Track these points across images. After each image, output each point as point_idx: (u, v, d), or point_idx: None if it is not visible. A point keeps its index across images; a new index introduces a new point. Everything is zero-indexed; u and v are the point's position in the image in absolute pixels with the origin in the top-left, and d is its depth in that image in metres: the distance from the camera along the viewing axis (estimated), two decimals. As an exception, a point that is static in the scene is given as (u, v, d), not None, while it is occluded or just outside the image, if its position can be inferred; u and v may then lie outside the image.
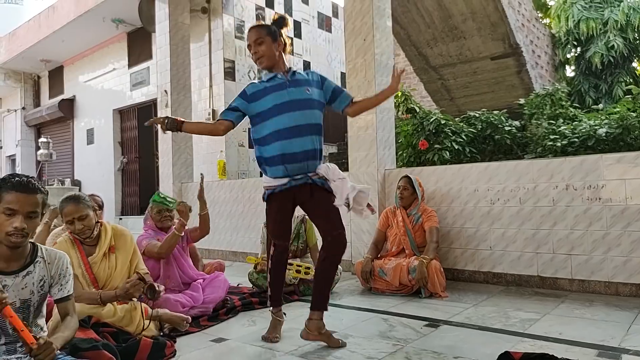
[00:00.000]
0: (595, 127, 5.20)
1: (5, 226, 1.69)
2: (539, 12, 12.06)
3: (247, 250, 5.68)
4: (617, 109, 5.50)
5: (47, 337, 1.67)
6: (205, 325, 2.97)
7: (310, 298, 2.60)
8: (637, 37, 10.86)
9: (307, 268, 3.64)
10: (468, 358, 2.25)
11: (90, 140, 10.96)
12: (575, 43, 11.45)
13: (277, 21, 2.61)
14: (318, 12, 9.67)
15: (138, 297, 2.60)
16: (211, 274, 3.55)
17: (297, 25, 9.13)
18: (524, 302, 3.30)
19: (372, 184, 4.46)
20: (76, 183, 10.96)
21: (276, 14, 2.69)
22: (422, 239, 3.87)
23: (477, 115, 6.21)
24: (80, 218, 2.53)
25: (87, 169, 10.96)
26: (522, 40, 9.38)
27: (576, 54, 11.66)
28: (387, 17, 4.67)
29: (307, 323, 2.54)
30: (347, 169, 4.59)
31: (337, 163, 3.99)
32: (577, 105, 8.72)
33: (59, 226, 3.45)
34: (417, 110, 6.10)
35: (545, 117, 6.08)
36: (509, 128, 5.98)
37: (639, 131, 4.93)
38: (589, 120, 5.61)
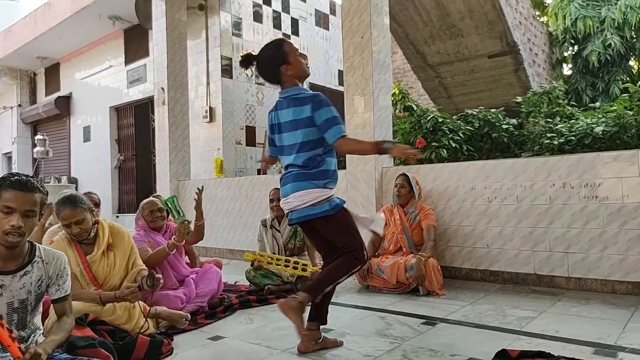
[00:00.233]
0: (592, 126, 5.20)
1: (3, 224, 1.68)
2: (536, 10, 12.06)
3: (245, 248, 5.67)
4: (614, 107, 5.51)
5: (43, 336, 1.66)
6: (202, 323, 2.96)
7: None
8: (634, 36, 10.89)
9: (304, 265, 3.64)
10: (465, 356, 2.26)
11: (86, 138, 10.93)
12: (572, 41, 11.47)
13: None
14: (315, 9, 9.65)
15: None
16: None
17: (294, 23, 9.12)
18: (520, 300, 3.31)
19: (370, 182, 4.47)
20: (73, 181, 10.91)
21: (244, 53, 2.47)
22: (420, 237, 3.87)
23: (475, 113, 6.21)
24: (77, 222, 2.50)
25: (84, 167, 10.93)
26: (519, 39, 9.37)
27: (573, 52, 11.68)
28: (384, 14, 4.67)
29: (303, 335, 2.36)
30: (344, 167, 4.59)
31: (334, 161, 3.98)
32: (574, 103, 8.75)
33: (55, 224, 3.43)
34: (415, 108, 6.09)
35: (542, 115, 6.08)
36: (506, 126, 5.98)
37: (635, 129, 4.93)
38: (586, 118, 5.61)
